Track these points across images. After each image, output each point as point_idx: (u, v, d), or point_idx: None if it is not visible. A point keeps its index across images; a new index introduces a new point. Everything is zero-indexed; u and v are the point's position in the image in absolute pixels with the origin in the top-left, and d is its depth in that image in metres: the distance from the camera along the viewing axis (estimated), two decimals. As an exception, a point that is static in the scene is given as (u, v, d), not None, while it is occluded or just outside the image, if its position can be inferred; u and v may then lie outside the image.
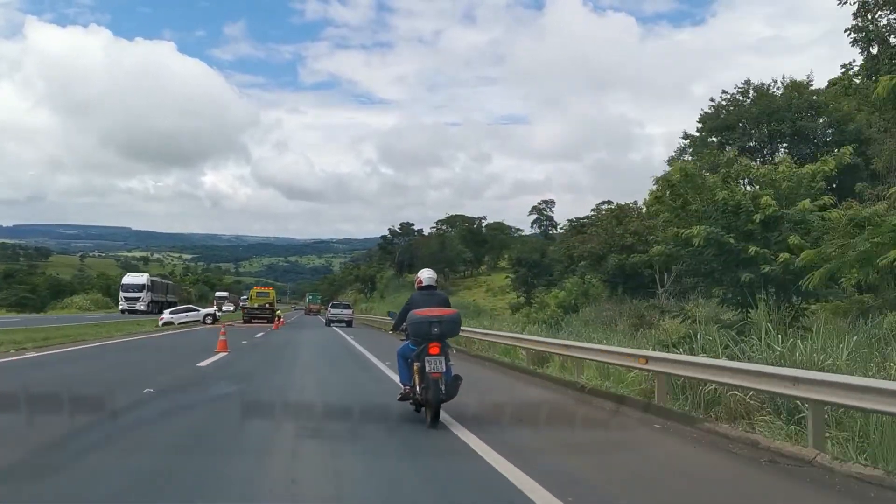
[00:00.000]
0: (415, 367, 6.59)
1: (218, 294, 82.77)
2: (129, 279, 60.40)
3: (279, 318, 40.31)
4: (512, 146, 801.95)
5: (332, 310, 43.94)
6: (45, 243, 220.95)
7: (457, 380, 6.50)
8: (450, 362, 6.57)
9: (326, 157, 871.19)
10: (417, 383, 6.53)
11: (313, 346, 21.36)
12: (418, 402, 6.69)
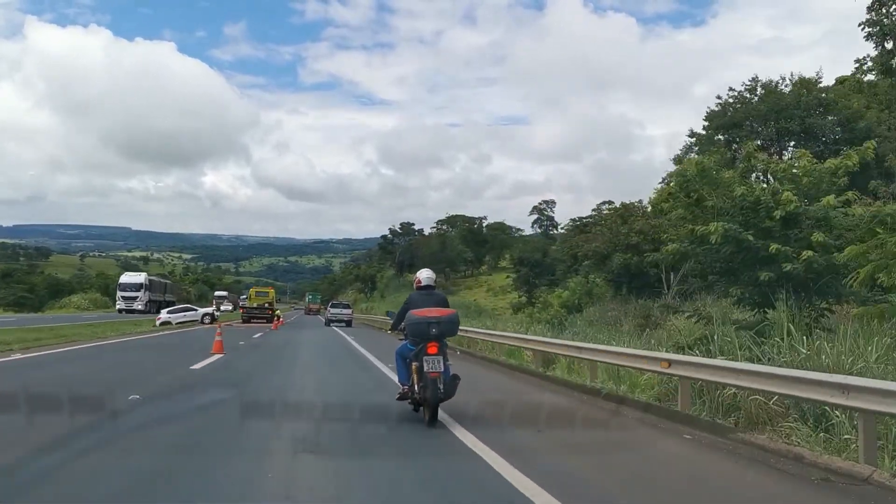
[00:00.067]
0: (413, 366, 6.60)
1: (217, 293, 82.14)
2: (127, 278, 59.83)
3: (278, 318, 39.80)
4: (512, 147, 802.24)
5: (332, 309, 43.94)
6: (45, 243, 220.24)
7: (455, 379, 6.51)
8: (448, 362, 6.58)
9: (327, 158, 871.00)
10: (416, 382, 6.53)
11: (312, 346, 20.95)
12: (416, 402, 6.68)
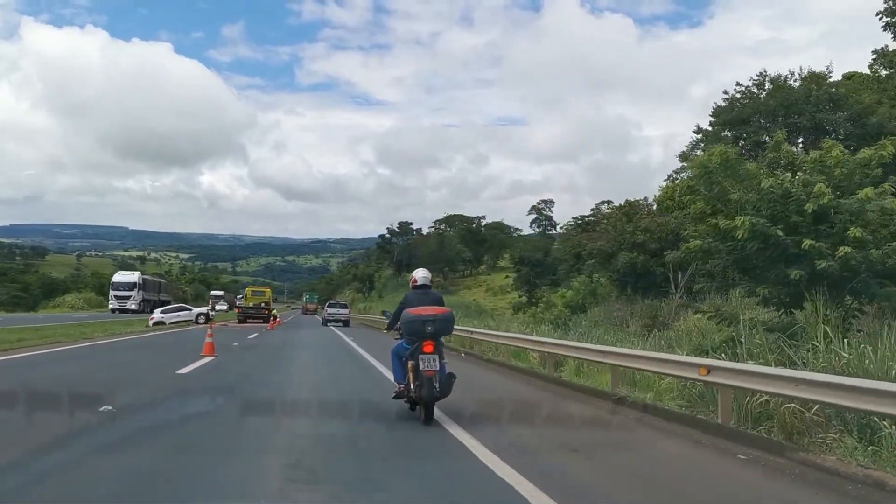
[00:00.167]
0: (409, 365, 6.60)
1: (213, 293, 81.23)
2: (120, 277, 58.87)
3: (275, 318, 38.91)
4: (509, 147, 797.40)
5: (329, 309, 43.55)
6: (42, 242, 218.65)
7: (451, 377, 6.60)
8: (443, 360, 6.63)
9: (324, 158, 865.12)
10: (412, 381, 6.54)
11: (310, 347, 20.29)
12: (412, 400, 6.69)
